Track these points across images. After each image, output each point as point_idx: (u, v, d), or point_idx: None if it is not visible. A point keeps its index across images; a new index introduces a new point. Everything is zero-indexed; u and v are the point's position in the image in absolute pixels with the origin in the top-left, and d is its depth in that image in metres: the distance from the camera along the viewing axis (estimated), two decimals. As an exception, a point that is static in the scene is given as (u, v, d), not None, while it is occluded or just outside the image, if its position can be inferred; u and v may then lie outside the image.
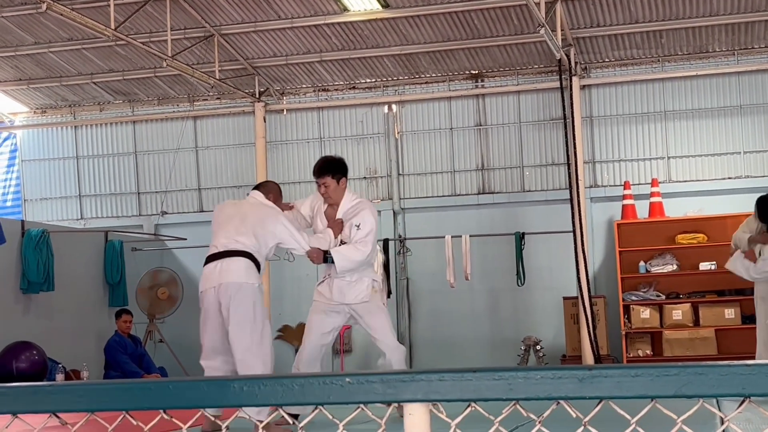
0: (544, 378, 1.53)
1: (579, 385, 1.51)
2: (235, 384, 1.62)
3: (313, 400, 1.62)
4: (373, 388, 1.58)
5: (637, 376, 1.50)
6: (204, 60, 14.45)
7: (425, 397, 1.58)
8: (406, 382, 1.58)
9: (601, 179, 14.74)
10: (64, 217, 16.52)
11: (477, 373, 1.55)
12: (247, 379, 1.62)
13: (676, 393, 1.49)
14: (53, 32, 14.30)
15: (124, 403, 1.67)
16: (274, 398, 1.62)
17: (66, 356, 13.18)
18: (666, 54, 14.41)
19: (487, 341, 14.79)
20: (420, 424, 1.61)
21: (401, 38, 14.17)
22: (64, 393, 1.70)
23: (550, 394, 1.52)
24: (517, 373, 1.54)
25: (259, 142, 15.28)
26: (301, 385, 1.62)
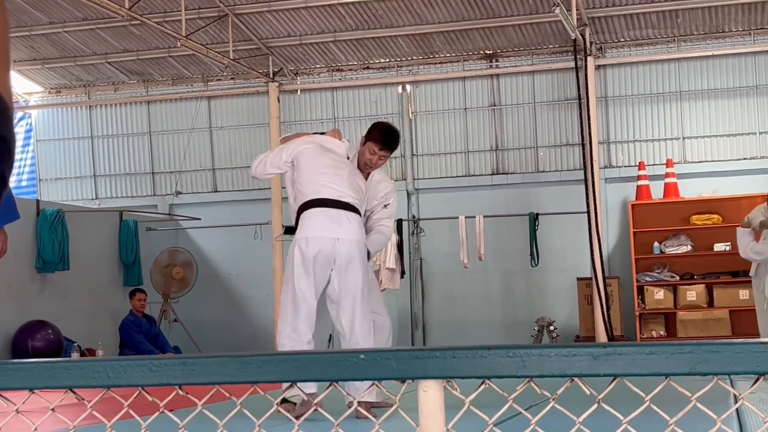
0: (558, 355, 1.53)
1: (593, 362, 1.51)
2: (251, 360, 1.63)
3: (328, 376, 1.63)
4: (387, 365, 1.59)
5: (651, 354, 1.50)
6: (218, 40, 14.45)
7: (440, 374, 1.58)
8: (420, 359, 1.58)
9: (616, 160, 14.70)
10: (79, 196, 16.58)
11: (491, 350, 1.55)
12: (265, 355, 1.63)
13: (690, 371, 1.49)
14: (68, 12, 14.31)
15: (140, 379, 1.68)
16: (289, 374, 1.63)
17: (81, 335, 13.27)
18: (681, 34, 14.32)
19: (501, 322, 14.81)
20: (434, 401, 1.61)
21: (416, 18, 14.13)
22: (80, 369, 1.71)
23: (564, 371, 1.53)
24: (531, 350, 1.54)
25: (273, 122, 15.27)
26: (316, 361, 1.62)
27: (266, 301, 15.28)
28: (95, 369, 1.70)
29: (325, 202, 6.31)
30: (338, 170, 6.45)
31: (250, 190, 15.96)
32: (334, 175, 6.41)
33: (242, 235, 15.42)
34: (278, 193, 15.09)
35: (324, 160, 6.50)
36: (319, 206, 6.31)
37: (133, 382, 1.69)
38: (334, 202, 6.30)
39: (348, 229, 6.25)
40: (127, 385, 1.69)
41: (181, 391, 1.74)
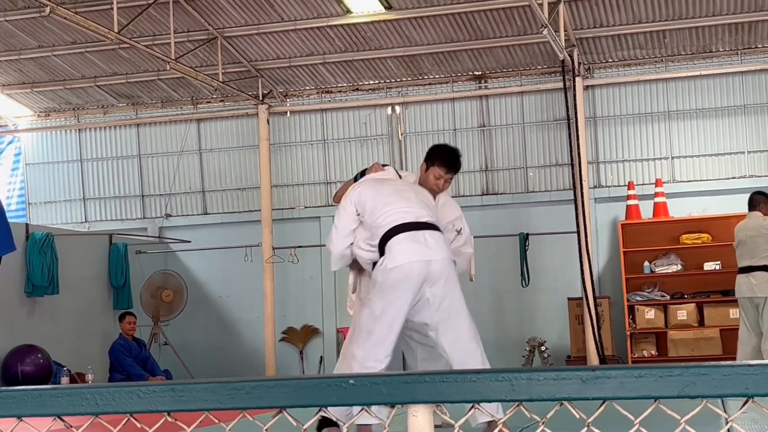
0: (547, 379, 1.53)
1: (582, 386, 1.52)
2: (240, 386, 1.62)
3: (318, 402, 1.62)
4: (376, 390, 1.59)
5: (640, 377, 1.50)
6: (207, 62, 14.47)
7: (429, 399, 1.58)
8: (409, 384, 1.58)
9: (605, 179, 14.73)
10: (69, 220, 16.55)
11: (480, 374, 1.55)
12: (253, 380, 1.62)
13: (679, 393, 1.49)
14: (57, 36, 14.32)
15: (129, 406, 1.68)
16: (279, 400, 1.63)
17: (71, 359, 13.21)
18: (669, 54, 14.40)
19: (492, 342, 14.76)
20: (424, 426, 1.61)
21: (404, 40, 14.18)
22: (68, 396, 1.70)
23: (553, 395, 1.53)
24: (520, 374, 1.54)
25: (262, 144, 15.29)
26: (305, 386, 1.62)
27: (257, 324, 15.24)
28: (83, 396, 1.69)
29: (405, 227, 6.01)
30: (403, 194, 6.22)
31: (240, 212, 15.95)
32: (402, 198, 6.16)
33: (232, 258, 15.40)
34: (268, 215, 15.09)
35: (384, 189, 6.29)
36: (400, 232, 6.01)
37: (121, 408, 1.68)
38: (414, 225, 6.02)
39: (436, 249, 5.98)
40: (115, 412, 1.68)
41: (170, 417, 1.73)
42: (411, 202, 6.12)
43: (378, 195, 6.22)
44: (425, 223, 6.03)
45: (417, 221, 6.01)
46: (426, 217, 6.07)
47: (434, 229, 6.05)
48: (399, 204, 6.08)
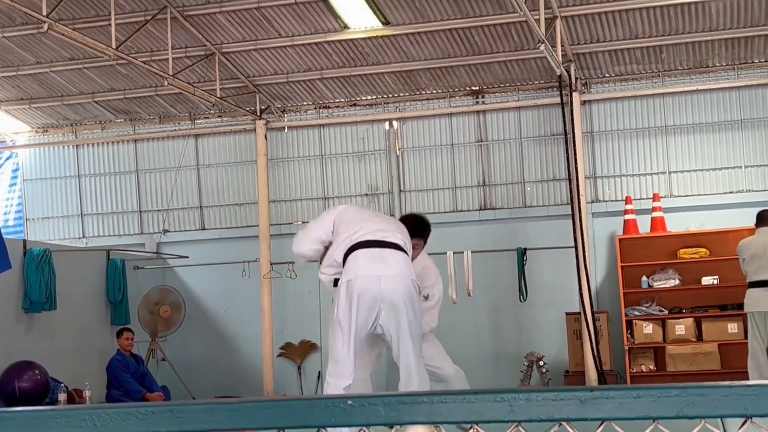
0: (545, 399, 1.53)
1: (581, 406, 1.52)
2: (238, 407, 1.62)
3: (316, 422, 1.62)
4: (375, 411, 1.58)
5: (639, 397, 1.50)
6: (205, 78, 14.49)
7: (427, 419, 1.58)
8: (407, 405, 1.58)
9: (603, 194, 14.75)
10: (66, 236, 16.54)
11: (478, 395, 1.55)
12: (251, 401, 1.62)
13: (678, 414, 1.49)
14: (54, 52, 14.35)
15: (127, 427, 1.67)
16: (276, 421, 1.62)
17: (68, 375, 13.17)
18: (666, 69, 14.44)
19: (490, 357, 14.77)
20: (422, 447, 1.61)
21: (402, 55, 14.21)
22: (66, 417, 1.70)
23: (552, 415, 1.53)
24: (519, 394, 1.54)
25: (260, 159, 15.30)
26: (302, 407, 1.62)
27: (255, 339, 15.22)
28: (81, 417, 1.69)
29: (368, 244, 6.20)
30: (383, 218, 6.64)
31: (238, 228, 15.95)
32: (380, 221, 6.46)
33: (230, 273, 15.39)
34: (266, 231, 15.09)
35: (367, 212, 6.80)
36: (361, 248, 6.20)
37: (119, 430, 1.68)
38: (378, 243, 6.20)
39: (393, 266, 6.13)
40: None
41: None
42: (388, 225, 6.39)
43: (360, 213, 6.57)
44: (391, 243, 6.19)
45: (382, 240, 6.18)
46: (396, 239, 6.24)
47: (400, 250, 6.21)
48: (375, 224, 6.30)
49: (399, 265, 6.14)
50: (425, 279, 7.05)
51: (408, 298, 6.15)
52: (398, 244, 6.22)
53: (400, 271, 6.14)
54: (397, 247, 6.21)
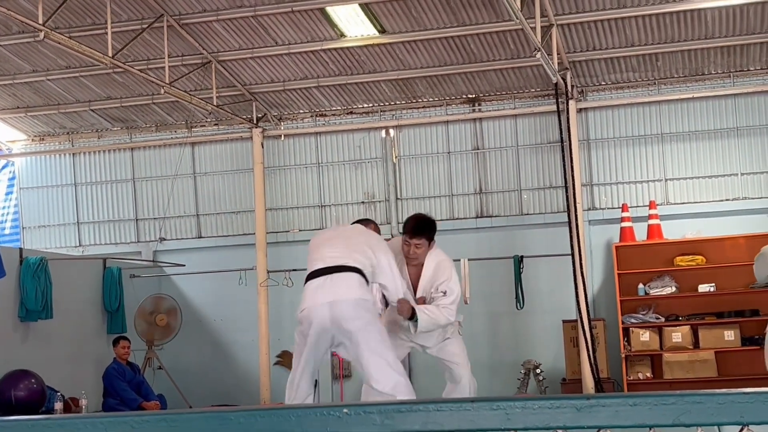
0: (541, 408, 1.52)
1: (577, 414, 1.51)
2: (233, 416, 1.62)
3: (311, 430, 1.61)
4: (371, 419, 1.58)
5: (635, 405, 1.50)
6: (201, 86, 14.49)
7: (423, 428, 1.58)
8: (403, 413, 1.57)
9: (599, 202, 14.75)
10: (63, 244, 16.52)
11: (475, 403, 1.55)
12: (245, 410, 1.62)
13: (674, 422, 1.49)
14: (51, 60, 14.34)
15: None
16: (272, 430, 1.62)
17: (64, 384, 13.13)
18: (662, 77, 14.46)
19: (487, 365, 14.75)
20: (418, 455, 1.60)
21: (398, 63, 14.22)
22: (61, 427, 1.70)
23: (548, 424, 1.52)
24: (515, 402, 1.54)
25: (257, 167, 15.30)
26: (298, 416, 1.61)
27: (251, 347, 15.19)
28: (77, 426, 1.68)
29: (316, 274, 6.56)
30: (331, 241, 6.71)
31: (235, 236, 15.94)
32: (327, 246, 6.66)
33: (227, 281, 15.37)
34: (263, 239, 15.08)
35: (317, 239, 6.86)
36: (311, 278, 6.61)
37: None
38: (324, 270, 6.51)
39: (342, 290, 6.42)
40: (108, 442, 1.67)
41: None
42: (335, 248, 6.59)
43: (322, 237, 6.88)
44: (337, 267, 6.47)
45: (328, 266, 6.49)
46: (343, 260, 6.49)
47: (348, 271, 6.45)
48: (321, 251, 6.63)
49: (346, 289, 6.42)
50: (440, 275, 7.10)
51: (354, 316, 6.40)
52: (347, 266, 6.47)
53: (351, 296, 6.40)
54: (346, 269, 6.47)
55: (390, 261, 6.72)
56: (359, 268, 6.50)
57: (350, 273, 6.46)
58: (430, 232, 7.15)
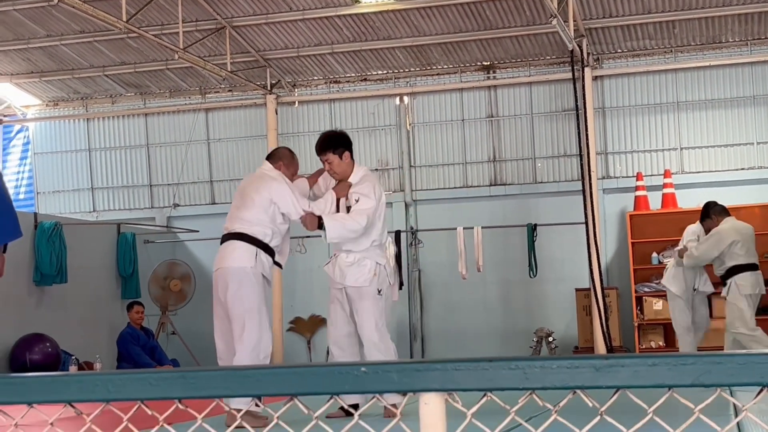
0: (560, 367, 1.52)
1: (595, 374, 1.51)
2: (251, 374, 1.62)
3: (329, 389, 1.61)
4: (388, 378, 1.58)
5: (654, 366, 1.49)
6: (215, 52, 14.46)
7: (441, 387, 1.57)
8: (421, 372, 1.57)
9: (614, 170, 14.70)
10: (77, 209, 16.57)
11: (493, 362, 1.54)
12: (265, 368, 1.62)
13: (693, 382, 1.48)
14: (65, 25, 14.32)
15: (140, 393, 1.67)
16: (290, 387, 1.62)
17: (79, 348, 13.23)
18: (678, 44, 14.35)
19: (499, 333, 14.79)
20: (435, 414, 1.60)
21: (413, 30, 14.15)
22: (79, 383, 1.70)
23: (566, 383, 1.52)
24: (534, 362, 1.53)
25: (270, 134, 15.28)
26: (316, 374, 1.61)
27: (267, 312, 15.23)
28: (94, 383, 1.69)
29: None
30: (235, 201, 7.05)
31: (248, 202, 15.95)
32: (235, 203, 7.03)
33: (240, 247, 15.38)
34: (276, 205, 15.08)
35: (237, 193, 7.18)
36: None
37: (132, 396, 1.67)
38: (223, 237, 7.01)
39: (225, 257, 6.87)
40: (126, 399, 1.68)
41: (181, 404, 1.73)
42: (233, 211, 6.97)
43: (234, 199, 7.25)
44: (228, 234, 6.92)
45: (225, 233, 6.97)
46: (232, 224, 6.90)
47: (234, 239, 6.85)
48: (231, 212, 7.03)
49: (228, 256, 6.86)
50: (359, 187, 7.05)
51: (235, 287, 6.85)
52: (233, 232, 6.86)
53: (230, 264, 6.85)
54: (233, 236, 6.85)
55: (280, 186, 6.84)
56: (242, 233, 6.81)
57: (234, 241, 6.84)
58: (334, 146, 7.08)
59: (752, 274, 10.32)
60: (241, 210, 6.86)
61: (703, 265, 10.76)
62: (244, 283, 6.82)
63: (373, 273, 6.98)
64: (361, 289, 6.97)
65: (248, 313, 6.86)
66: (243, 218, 6.83)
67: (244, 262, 6.78)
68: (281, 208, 6.82)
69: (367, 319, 6.94)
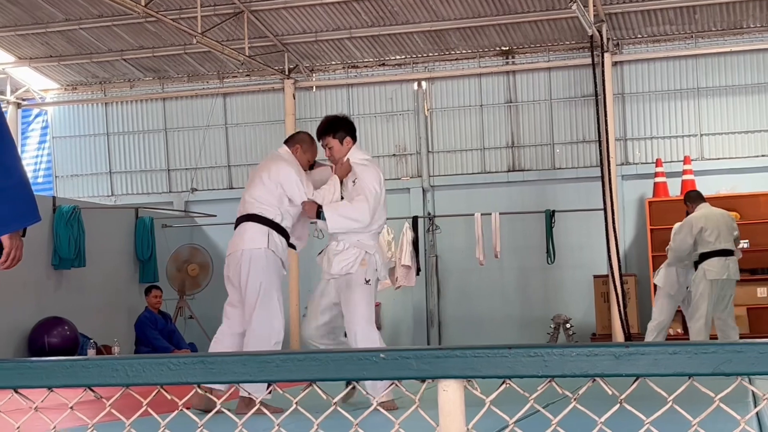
0: (579, 355, 1.51)
1: (615, 362, 1.50)
2: (270, 359, 1.62)
3: (348, 375, 1.61)
4: (407, 364, 1.58)
5: (674, 354, 1.48)
6: (233, 37, 14.46)
7: (460, 374, 1.57)
8: (440, 359, 1.57)
9: (633, 157, 14.64)
10: (95, 193, 16.63)
11: (512, 349, 1.54)
12: (284, 354, 1.62)
13: (714, 371, 1.47)
14: (84, 9, 14.35)
15: (159, 378, 1.68)
16: (308, 373, 1.62)
17: (97, 332, 13.30)
18: (699, 30, 14.26)
19: (517, 319, 14.78)
20: (454, 401, 1.60)
21: (431, 14, 14.10)
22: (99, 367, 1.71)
23: (585, 371, 1.51)
24: (553, 350, 1.52)
25: (288, 119, 15.28)
26: (335, 360, 1.61)
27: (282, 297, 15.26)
28: (114, 368, 1.69)
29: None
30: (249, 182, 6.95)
31: (266, 187, 15.96)
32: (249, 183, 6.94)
33: (258, 232, 15.41)
34: (294, 190, 15.09)
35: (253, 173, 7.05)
36: None
37: (151, 380, 1.68)
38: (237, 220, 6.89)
39: (236, 241, 6.77)
40: (145, 383, 1.68)
41: (200, 389, 1.73)
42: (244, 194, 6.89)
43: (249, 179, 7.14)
44: (241, 217, 6.81)
45: (238, 216, 6.85)
46: (244, 206, 6.79)
47: (245, 221, 6.75)
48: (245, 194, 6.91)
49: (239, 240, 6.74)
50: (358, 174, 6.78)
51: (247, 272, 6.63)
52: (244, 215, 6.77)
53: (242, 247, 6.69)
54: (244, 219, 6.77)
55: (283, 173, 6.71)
56: (253, 213, 6.71)
57: (247, 223, 6.74)
58: (334, 130, 6.81)
59: (720, 260, 10.23)
60: (251, 190, 6.79)
61: (684, 257, 10.60)
62: (257, 264, 6.60)
63: (360, 261, 6.66)
64: (346, 277, 6.68)
65: (261, 297, 6.58)
66: (253, 199, 6.73)
67: (256, 243, 6.64)
68: (286, 191, 6.67)
69: (353, 310, 6.61)
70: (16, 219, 3.21)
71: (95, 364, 1.71)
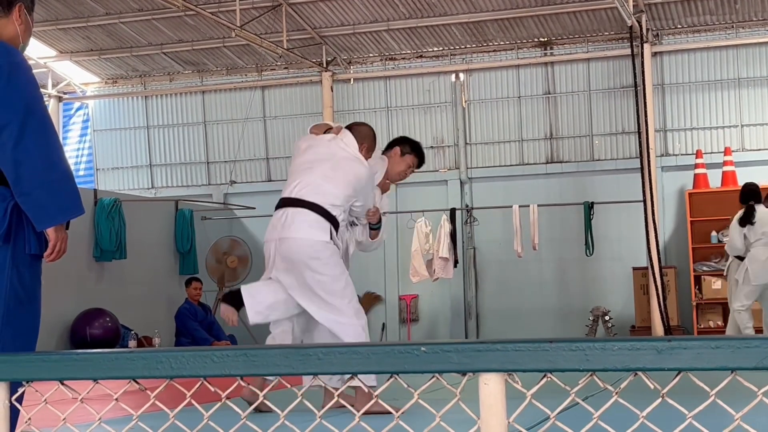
0: (621, 349, 1.51)
1: (658, 356, 1.50)
2: (312, 352, 1.63)
3: (389, 368, 1.62)
4: (448, 358, 1.58)
5: (717, 348, 1.48)
6: (272, 30, 14.50)
7: (501, 367, 1.57)
8: (481, 352, 1.57)
9: (673, 148, 14.52)
10: (135, 186, 16.77)
11: (553, 343, 1.54)
12: (325, 347, 1.63)
13: (757, 365, 1.46)
14: (124, 3, 14.45)
15: (202, 370, 1.70)
16: (350, 366, 1.63)
17: (138, 323, 13.42)
18: (740, 20, 14.10)
19: (555, 312, 14.72)
20: (495, 394, 1.60)
21: (469, 6, 14.06)
22: (143, 360, 1.73)
23: (627, 365, 1.51)
24: (594, 344, 1.53)
25: (326, 111, 15.31)
26: (376, 353, 1.62)
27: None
28: (158, 360, 1.72)
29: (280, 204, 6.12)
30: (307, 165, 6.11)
31: (304, 180, 16.01)
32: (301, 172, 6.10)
33: (296, 224, 15.46)
34: (332, 182, 15.12)
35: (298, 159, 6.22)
36: (276, 209, 6.17)
37: (195, 372, 1.70)
38: (284, 201, 6.07)
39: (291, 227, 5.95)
40: (189, 375, 1.70)
41: (243, 381, 1.75)
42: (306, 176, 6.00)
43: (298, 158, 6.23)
44: (295, 200, 5.96)
45: (289, 197, 6.01)
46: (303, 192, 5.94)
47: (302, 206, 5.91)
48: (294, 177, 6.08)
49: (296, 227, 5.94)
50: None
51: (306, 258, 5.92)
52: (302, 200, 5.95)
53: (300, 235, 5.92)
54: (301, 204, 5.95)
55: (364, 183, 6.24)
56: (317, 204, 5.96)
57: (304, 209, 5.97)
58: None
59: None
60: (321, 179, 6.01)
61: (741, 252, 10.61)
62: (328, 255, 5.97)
63: None
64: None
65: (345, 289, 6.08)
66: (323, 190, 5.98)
67: (320, 235, 5.93)
68: (359, 200, 6.16)
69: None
70: (61, 212, 3.26)
71: (140, 356, 1.74)
